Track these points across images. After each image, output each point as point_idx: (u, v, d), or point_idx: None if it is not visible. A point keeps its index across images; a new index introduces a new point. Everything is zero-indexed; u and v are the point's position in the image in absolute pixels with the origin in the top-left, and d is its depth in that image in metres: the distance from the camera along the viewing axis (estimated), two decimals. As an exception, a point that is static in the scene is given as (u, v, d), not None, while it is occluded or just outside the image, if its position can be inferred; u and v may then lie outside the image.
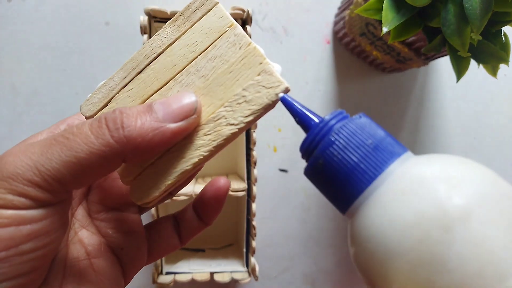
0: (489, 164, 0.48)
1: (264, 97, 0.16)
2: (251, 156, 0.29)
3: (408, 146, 0.19)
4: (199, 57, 0.18)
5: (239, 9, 0.28)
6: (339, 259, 0.41)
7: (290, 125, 0.40)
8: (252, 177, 0.29)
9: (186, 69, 0.18)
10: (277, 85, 0.16)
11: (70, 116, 0.20)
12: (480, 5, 0.23)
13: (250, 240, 0.31)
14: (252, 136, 0.29)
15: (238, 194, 0.29)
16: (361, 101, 0.41)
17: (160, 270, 0.31)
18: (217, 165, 0.38)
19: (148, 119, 0.15)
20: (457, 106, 0.42)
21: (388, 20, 0.26)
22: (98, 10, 0.37)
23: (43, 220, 0.14)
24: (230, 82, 0.17)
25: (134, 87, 0.18)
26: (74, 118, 0.19)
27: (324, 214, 0.41)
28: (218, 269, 0.32)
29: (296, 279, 0.41)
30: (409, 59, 0.34)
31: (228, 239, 0.38)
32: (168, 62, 0.18)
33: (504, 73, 0.42)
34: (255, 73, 0.17)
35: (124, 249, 0.19)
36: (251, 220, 0.30)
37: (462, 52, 0.25)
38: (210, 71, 0.17)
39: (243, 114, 0.16)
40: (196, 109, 0.16)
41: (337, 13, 0.39)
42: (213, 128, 0.17)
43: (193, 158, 0.17)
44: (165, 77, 0.18)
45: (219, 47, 0.17)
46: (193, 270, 0.31)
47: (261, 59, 0.17)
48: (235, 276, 0.31)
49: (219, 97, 0.17)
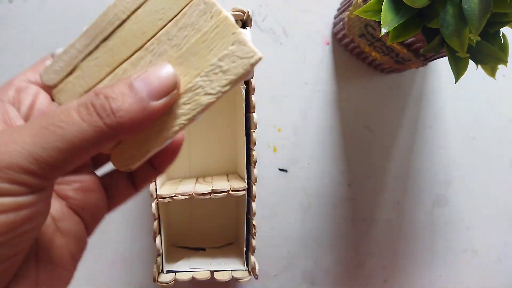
0: (487, 164, 0.48)
1: (240, 67, 0.17)
2: (251, 156, 0.30)
3: (407, 146, 0.19)
4: (169, 25, 0.17)
5: (239, 11, 0.29)
6: (339, 257, 0.42)
7: (290, 125, 0.40)
8: (252, 176, 0.30)
9: (156, 38, 0.17)
10: (251, 55, 0.17)
11: (15, 77, 0.20)
12: (478, 6, 0.23)
13: (250, 239, 0.31)
14: (252, 136, 0.29)
15: (239, 194, 0.29)
16: (360, 101, 0.41)
17: (161, 269, 0.31)
18: (217, 165, 0.38)
19: (134, 100, 0.16)
20: (455, 106, 0.43)
21: (387, 21, 0.26)
22: (99, 11, 0.37)
23: (37, 204, 0.15)
24: (204, 51, 0.17)
25: (100, 55, 0.18)
26: (21, 80, 0.19)
27: (324, 213, 0.41)
28: (218, 267, 0.32)
29: (296, 278, 0.41)
30: (408, 60, 0.34)
31: (229, 238, 0.38)
32: (136, 30, 0.17)
33: (503, 73, 0.43)
34: (229, 42, 0.17)
35: (85, 208, 0.19)
36: (251, 219, 0.31)
37: (460, 52, 0.25)
38: (183, 40, 0.17)
39: (221, 84, 0.17)
40: (176, 83, 0.17)
41: (337, 14, 0.39)
42: (191, 98, 0.17)
43: (174, 126, 0.17)
44: (134, 45, 0.17)
45: (189, 15, 0.17)
46: (193, 269, 0.32)
47: (234, 29, 0.17)
48: (235, 275, 0.31)
49: (195, 66, 0.17)
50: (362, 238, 0.42)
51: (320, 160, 0.40)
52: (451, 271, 0.44)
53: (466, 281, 0.44)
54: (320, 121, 0.40)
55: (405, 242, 0.43)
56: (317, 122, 0.40)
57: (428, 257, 0.43)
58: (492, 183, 0.44)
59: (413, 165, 0.42)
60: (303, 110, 0.40)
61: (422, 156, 0.42)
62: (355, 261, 0.42)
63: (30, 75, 0.19)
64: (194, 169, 0.38)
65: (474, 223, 0.44)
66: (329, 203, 0.41)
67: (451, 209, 0.43)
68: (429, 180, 0.43)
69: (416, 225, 0.43)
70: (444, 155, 0.43)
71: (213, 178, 0.34)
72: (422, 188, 0.43)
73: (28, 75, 0.19)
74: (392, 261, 0.43)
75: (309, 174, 0.40)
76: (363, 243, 0.42)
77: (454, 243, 0.44)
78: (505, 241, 0.45)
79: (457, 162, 0.43)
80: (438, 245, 0.43)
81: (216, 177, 0.35)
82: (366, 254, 0.42)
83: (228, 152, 0.38)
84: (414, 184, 0.42)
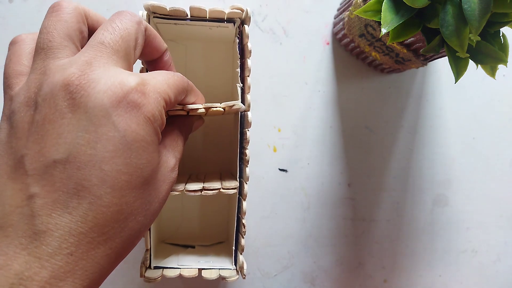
0: (487, 165, 0.48)
1: None
2: (244, 155, 0.29)
3: (407, 146, 0.19)
4: None
5: (238, 8, 0.29)
6: (339, 257, 0.42)
7: (290, 125, 0.40)
8: (244, 175, 0.30)
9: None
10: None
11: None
12: (478, 6, 0.23)
13: (240, 238, 0.31)
14: (246, 134, 0.29)
15: (229, 192, 0.29)
16: (360, 101, 0.41)
17: (148, 264, 0.31)
18: (212, 164, 0.38)
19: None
20: (455, 106, 0.43)
21: (387, 21, 0.26)
22: (99, 10, 0.37)
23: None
24: None
25: None
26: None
27: (324, 213, 0.41)
28: (206, 265, 0.31)
29: (295, 278, 0.41)
30: (408, 60, 0.34)
31: (219, 236, 0.38)
32: None
33: (503, 73, 0.43)
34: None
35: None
36: (241, 218, 0.30)
37: (460, 53, 0.25)
38: None
39: None
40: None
41: (337, 14, 0.39)
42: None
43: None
44: None
45: None
46: (181, 266, 0.31)
47: None
48: (223, 274, 0.31)
49: None
50: (362, 238, 0.42)
51: (320, 160, 0.40)
52: (451, 271, 0.44)
53: (465, 281, 0.44)
54: (320, 121, 0.40)
55: (405, 242, 0.43)
56: (317, 122, 0.40)
57: (428, 257, 0.43)
58: (492, 183, 0.44)
59: (413, 165, 0.42)
60: (303, 110, 0.40)
61: (422, 156, 0.42)
62: (355, 261, 0.42)
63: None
64: (187, 166, 0.38)
65: (474, 223, 0.44)
66: (329, 203, 0.41)
67: (451, 209, 0.43)
68: (429, 180, 0.43)
69: (416, 225, 0.43)
70: (444, 155, 0.43)
71: (206, 176, 0.34)
72: (422, 188, 0.43)
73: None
74: (392, 261, 0.43)
75: (309, 174, 0.40)
76: (363, 243, 0.42)
77: (454, 243, 0.44)
78: (505, 241, 0.45)
79: (457, 162, 0.43)
80: (438, 245, 0.44)
81: (209, 175, 0.35)
82: (366, 254, 0.42)
83: (224, 151, 0.38)
84: (414, 184, 0.43)
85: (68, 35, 0.20)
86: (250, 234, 0.40)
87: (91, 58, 0.18)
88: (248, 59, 0.29)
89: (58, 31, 0.19)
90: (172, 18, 0.29)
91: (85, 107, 0.17)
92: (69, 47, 0.19)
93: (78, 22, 0.20)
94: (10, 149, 0.18)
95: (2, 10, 0.36)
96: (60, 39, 0.19)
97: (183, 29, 0.31)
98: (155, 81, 0.20)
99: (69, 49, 0.19)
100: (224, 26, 0.30)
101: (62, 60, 0.19)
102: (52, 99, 0.17)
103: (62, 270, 0.16)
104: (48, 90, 0.18)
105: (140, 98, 0.18)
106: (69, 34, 0.20)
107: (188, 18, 0.29)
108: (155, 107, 0.19)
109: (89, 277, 0.17)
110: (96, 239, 0.17)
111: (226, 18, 0.29)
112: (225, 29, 0.31)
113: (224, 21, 0.29)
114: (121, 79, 0.18)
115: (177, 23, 0.30)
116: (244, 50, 0.29)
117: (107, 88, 0.18)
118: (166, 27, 0.31)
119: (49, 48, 0.19)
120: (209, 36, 0.34)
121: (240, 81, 0.29)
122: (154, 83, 0.20)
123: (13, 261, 0.16)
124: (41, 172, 0.17)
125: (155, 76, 0.21)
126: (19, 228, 0.16)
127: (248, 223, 0.40)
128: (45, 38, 0.19)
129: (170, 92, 0.21)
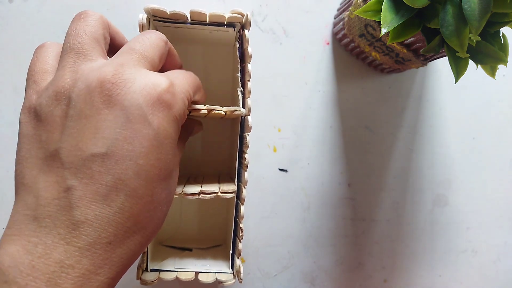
0: (488, 165, 0.48)
1: None
2: (242, 159, 0.29)
3: (407, 146, 0.19)
4: None
5: (238, 13, 0.28)
6: (339, 257, 0.42)
7: (290, 125, 0.40)
8: (243, 179, 0.29)
9: None
10: None
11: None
12: (478, 6, 0.23)
13: (237, 242, 0.31)
14: (246, 139, 0.29)
15: (227, 196, 0.29)
16: (360, 101, 0.41)
17: (145, 266, 0.31)
18: (211, 166, 0.38)
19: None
20: (455, 106, 0.43)
21: (387, 21, 0.26)
22: (99, 10, 0.37)
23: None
24: None
25: None
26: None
27: (324, 213, 0.41)
28: (203, 269, 0.31)
29: (295, 278, 0.41)
30: (408, 60, 0.34)
31: (217, 240, 0.38)
32: None
33: (503, 73, 0.43)
34: None
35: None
36: (239, 222, 0.30)
37: (460, 53, 0.25)
38: None
39: None
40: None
41: (337, 14, 0.39)
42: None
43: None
44: None
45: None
46: (178, 269, 0.31)
47: None
48: (220, 277, 0.31)
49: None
50: (362, 238, 0.42)
51: (320, 160, 0.40)
52: (451, 271, 0.44)
53: (465, 281, 0.44)
54: (320, 121, 0.40)
55: (405, 242, 0.43)
56: (317, 122, 0.40)
57: (428, 257, 0.43)
58: (492, 183, 0.44)
59: (413, 165, 0.42)
60: (303, 110, 0.40)
61: (422, 156, 0.42)
62: (355, 261, 0.42)
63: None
64: (186, 168, 0.38)
65: (474, 223, 0.44)
66: (329, 203, 0.41)
67: (451, 209, 0.43)
68: (429, 180, 0.43)
69: (416, 225, 0.43)
70: (444, 155, 0.43)
71: (205, 178, 0.34)
72: (422, 188, 0.43)
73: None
74: (392, 261, 0.43)
75: (309, 174, 0.40)
76: (363, 243, 0.42)
77: (454, 243, 0.44)
78: (505, 241, 0.45)
79: (457, 162, 0.43)
80: (438, 245, 0.44)
81: (208, 177, 0.35)
82: (366, 254, 0.42)
83: (224, 155, 0.38)
84: (414, 184, 0.43)
85: (96, 38, 0.21)
86: (250, 234, 0.40)
87: (123, 60, 0.20)
88: (249, 63, 0.29)
89: (87, 34, 0.21)
90: (172, 22, 0.29)
91: (121, 105, 0.18)
92: (97, 49, 0.21)
93: (103, 28, 0.22)
94: (40, 142, 0.19)
95: (2, 10, 0.36)
96: (89, 41, 0.21)
97: (183, 32, 0.31)
98: (178, 82, 0.22)
99: (96, 51, 0.21)
100: (224, 30, 0.30)
101: (94, 62, 0.20)
102: (88, 95, 0.18)
103: (101, 258, 0.17)
104: (83, 86, 0.19)
105: (171, 99, 0.20)
106: (96, 38, 0.21)
107: (188, 22, 0.29)
108: (181, 107, 0.21)
109: (123, 263, 0.19)
110: (132, 228, 0.19)
111: (226, 22, 0.29)
112: (226, 32, 0.31)
113: (224, 26, 0.29)
114: (153, 80, 0.20)
115: (177, 26, 0.30)
116: (244, 54, 0.29)
117: (142, 88, 0.19)
118: (166, 30, 0.30)
119: (79, 48, 0.20)
120: (210, 39, 0.34)
121: (241, 85, 0.29)
122: (178, 83, 0.22)
123: (52, 250, 0.16)
124: (79, 165, 0.18)
125: (177, 76, 0.22)
126: (57, 219, 0.17)
127: (248, 223, 0.40)
128: (75, 39, 0.21)
129: (191, 91, 0.23)
